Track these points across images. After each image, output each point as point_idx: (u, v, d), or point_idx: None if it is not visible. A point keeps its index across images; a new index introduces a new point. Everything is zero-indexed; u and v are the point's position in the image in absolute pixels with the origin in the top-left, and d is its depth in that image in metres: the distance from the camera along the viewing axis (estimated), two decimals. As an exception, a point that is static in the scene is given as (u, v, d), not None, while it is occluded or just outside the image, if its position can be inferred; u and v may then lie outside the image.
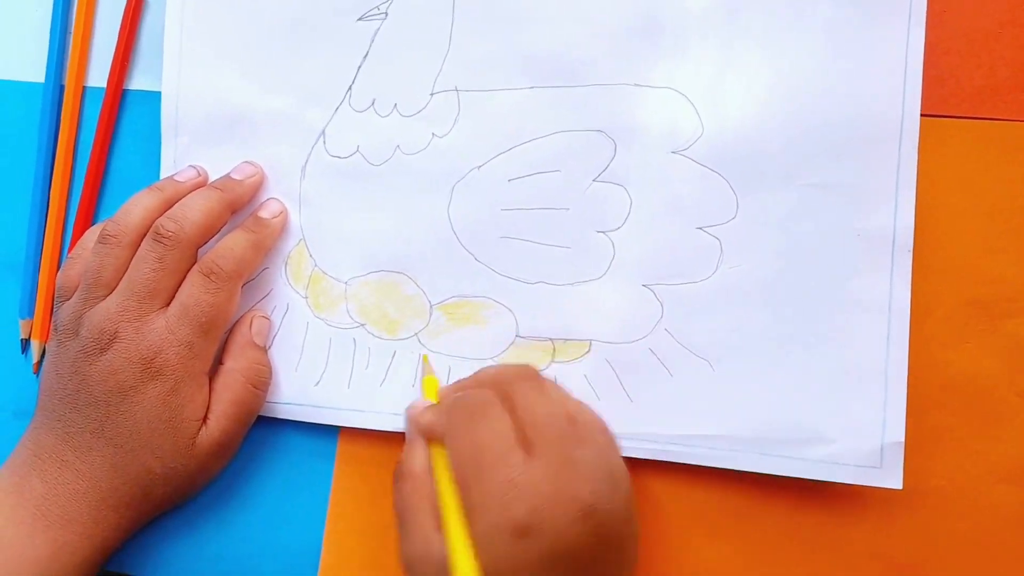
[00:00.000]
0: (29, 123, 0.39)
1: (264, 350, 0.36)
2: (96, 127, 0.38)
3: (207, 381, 0.34)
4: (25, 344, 0.39)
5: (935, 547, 0.33)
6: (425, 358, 0.35)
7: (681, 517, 0.34)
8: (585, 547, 0.27)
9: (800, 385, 0.33)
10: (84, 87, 0.39)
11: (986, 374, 0.33)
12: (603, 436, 0.30)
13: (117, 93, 0.38)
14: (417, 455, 0.31)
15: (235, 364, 0.34)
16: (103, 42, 0.39)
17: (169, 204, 0.34)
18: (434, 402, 0.32)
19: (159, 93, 0.37)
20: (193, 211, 0.33)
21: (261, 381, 0.35)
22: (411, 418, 0.32)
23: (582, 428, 0.29)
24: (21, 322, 0.38)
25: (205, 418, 0.33)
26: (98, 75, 0.39)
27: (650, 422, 0.34)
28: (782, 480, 0.33)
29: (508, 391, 0.30)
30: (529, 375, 0.31)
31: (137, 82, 0.39)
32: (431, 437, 0.31)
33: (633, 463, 0.34)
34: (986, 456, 0.33)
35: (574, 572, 0.27)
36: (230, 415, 0.34)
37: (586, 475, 0.28)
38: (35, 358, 0.38)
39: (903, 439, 0.32)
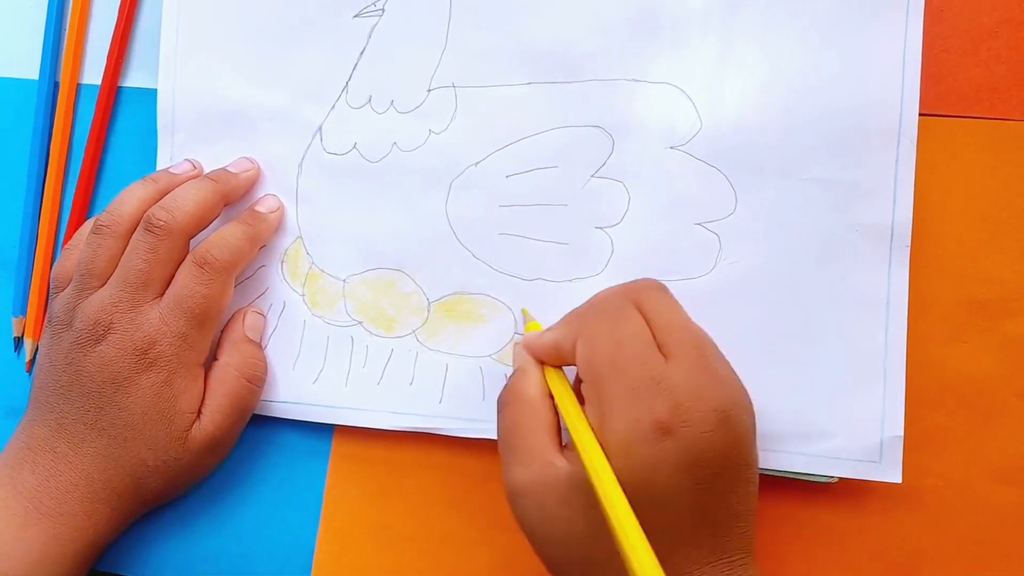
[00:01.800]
0: (23, 120, 0.38)
1: (259, 345, 0.35)
2: (91, 124, 0.38)
3: (201, 373, 0.33)
4: (18, 342, 0.38)
5: (932, 545, 0.33)
6: (525, 311, 0.34)
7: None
8: (720, 452, 0.26)
9: (799, 380, 0.33)
10: (79, 84, 0.39)
11: (984, 373, 0.33)
12: (722, 357, 0.29)
13: (112, 90, 0.38)
14: (530, 380, 0.30)
15: (229, 359, 0.34)
16: (98, 39, 0.38)
17: (163, 195, 0.34)
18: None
19: (154, 90, 0.37)
20: (185, 201, 0.33)
21: (256, 376, 0.35)
22: (527, 342, 0.31)
23: (713, 345, 0.29)
24: (14, 320, 0.38)
25: (200, 412, 0.33)
26: (93, 72, 0.38)
27: (649, 419, 0.33)
28: (781, 479, 0.33)
29: (639, 299, 0.29)
30: (659, 286, 0.30)
31: (132, 79, 0.38)
32: (550, 359, 0.30)
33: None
34: (983, 455, 0.33)
35: (710, 477, 0.26)
36: (224, 409, 0.33)
37: (723, 381, 0.28)
38: (28, 356, 0.38)
39: (902, 433, 0.32)
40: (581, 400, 0.28)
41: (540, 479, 0.27)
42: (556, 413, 0.29)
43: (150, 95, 0.37)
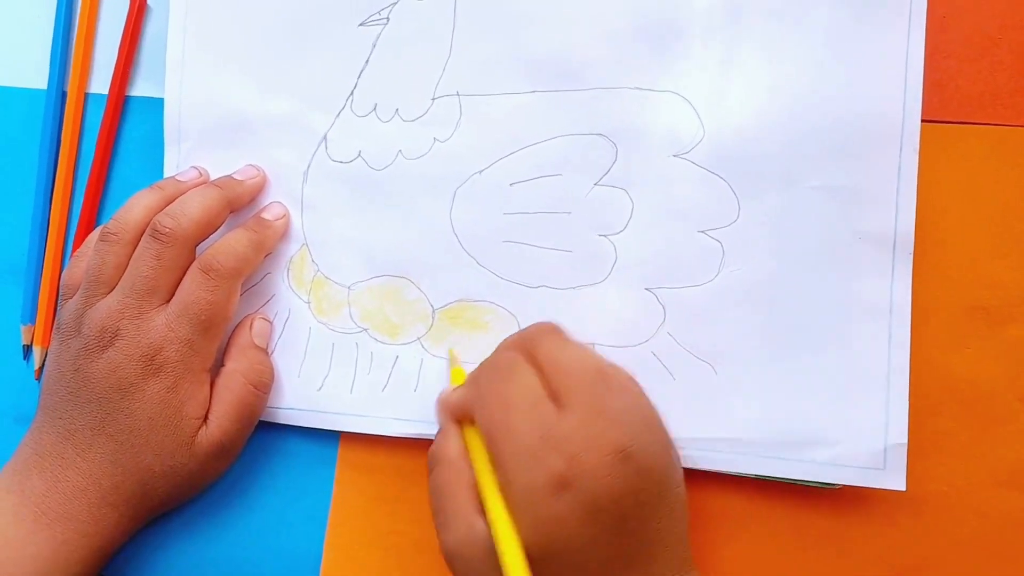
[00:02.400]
0: (31, 129, 0.39)
1: (265, 351, 0.36)
2: (98, 133, 0.38)
3: (208, 379, 0.34)
4: (27, 350, 0.38)
5: (937, 551, 0.33)
6: (452, 352, 0.35)
7: (685, 521, 0.34)
8: (627, 492, 0.26)
9: (803, 387, 0.33)
10: (86, 93, 0.39)
11: (987, 379, 0.33)
12: (633, 385, 0.29)
13: (119, 100, 0.38)
14: (451, 440, 0.30)
15: (236, 365, 0.34)
16: (105, 49, 0.39)
17: (170, 203, 0.34)
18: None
19: (161, 100, 0.37)
20: (191, 207, 0.33)
21: (262, 382, 0.35)
22: (441, 402, 0.32)
23: (611, 378, 0.29)
24: (23, 328, 0.38)
25: (206, 418, 0.33)
26: (100, 82, 0.39)
27: (653, 425, 0.33)
28: (785, 485, 0.33)
29: (531, 348, 0.29)
30: (550, 329, 0.30)
31: (139, 89, 0.39)
32: (462, 417, 0.30)
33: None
34: (988, 460, 0.33)
35: (618, 520, 0.26)
36: (230, 415, 0.34)
37: (619, 420, 0.27)
38: (37, 364, 0.38)
39: (906, 441, 0.32)
40: None
41: (464, 541, 0.28)
42: None
43: (157, 104, 0.37)
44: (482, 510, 0.28)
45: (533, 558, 0.26)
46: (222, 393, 0.34)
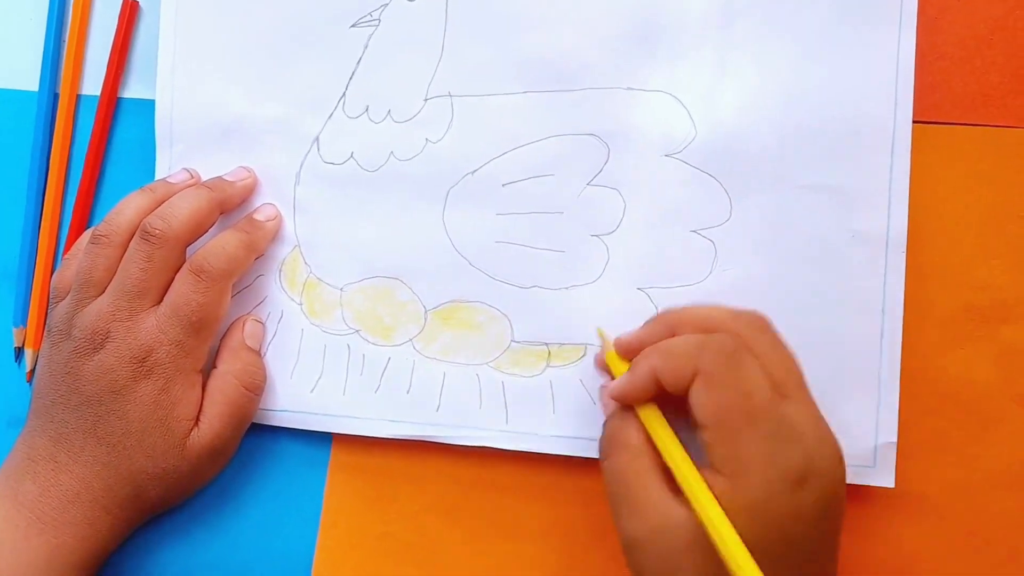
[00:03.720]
0: (23, 131, 0.39)
1: (258, 353, 0.36)
2: (90, 135, 0.38)
3: (199, 381, 0.34)
4: (19, 352, 0.38)
5: (930, 551, 0.33)
6: (601, 332, 0.33)
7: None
8: (841, 498, 0.27)
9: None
10: (78, 95, 0.39)
11: (980, 379, 0.33)
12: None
13: (111, 101, 0.38)
14: (630, 426, 0.29)
15: (228, 367, 0.34)
16: (97, 51, 0.39)
17: (160, 204, 0.34)
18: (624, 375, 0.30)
19: (153, 101, 0.37)
20: (180, 209, 0.33)
21: (255, 384, 0.35)
22: (621, 393, 0.29)
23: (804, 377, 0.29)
24: (15, 330, 0.38)
25: (198, 420, 0.33)
26: (92, 83, 0.39)
27: (646, 426, 0.33)
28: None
29: (747, 336, 0.28)
30: (762, 324, 0.29)
31: (131, 90, 0.39)
32: (649, 392, 0.28)
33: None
34: (980, 461, 0.33)
35: (838, 515, 0.27)
36: (223, 417, 0.34)
37: (828, 424, 0.28)
38: (28, 367, 0.38)
39: (896, 439, 0.32)
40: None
41: (659, 528, 0.26)
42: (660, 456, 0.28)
43: (149, 106, 0.37)
44: (676, 496, 0.27)
45: (754, 551, 0.25)
46: (214, 395, 0.34)
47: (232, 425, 0.34)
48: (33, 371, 0.38)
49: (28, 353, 0.38)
